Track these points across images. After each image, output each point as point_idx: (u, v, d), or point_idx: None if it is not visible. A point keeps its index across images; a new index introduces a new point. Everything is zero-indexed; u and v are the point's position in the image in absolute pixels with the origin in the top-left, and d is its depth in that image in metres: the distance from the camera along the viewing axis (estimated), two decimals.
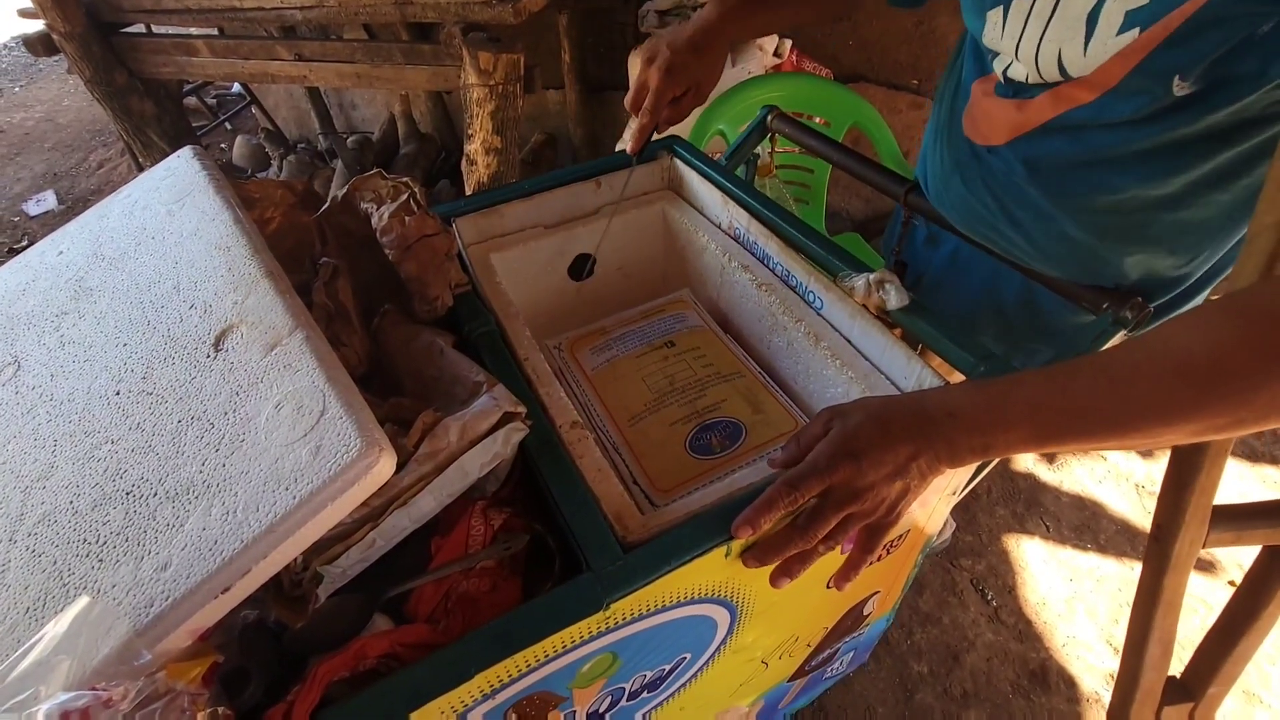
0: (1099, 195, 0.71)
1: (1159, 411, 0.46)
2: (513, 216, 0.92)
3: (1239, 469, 1.75)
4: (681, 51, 0.82)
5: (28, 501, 0.51)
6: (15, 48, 4.35)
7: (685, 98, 0.86)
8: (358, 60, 1.88)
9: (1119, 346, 0.50)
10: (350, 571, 0.53)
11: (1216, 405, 0.45)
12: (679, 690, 0.74)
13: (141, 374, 0.56)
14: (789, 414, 0.80)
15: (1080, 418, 0.48)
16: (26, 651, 0.41)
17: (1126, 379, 0.47)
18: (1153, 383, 0.46)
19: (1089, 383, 0.48)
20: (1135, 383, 0.46)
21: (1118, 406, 0.47)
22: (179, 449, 0.50)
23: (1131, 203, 0.70)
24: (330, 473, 0.45)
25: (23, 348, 0.62)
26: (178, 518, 0.47)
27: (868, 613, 0.95)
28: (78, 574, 0.46)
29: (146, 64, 2.10)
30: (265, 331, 0.54)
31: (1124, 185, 0.69)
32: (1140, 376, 0.46)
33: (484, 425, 0.56)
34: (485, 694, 0.52)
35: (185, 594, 0.43)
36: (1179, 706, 0.77)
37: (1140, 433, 0.47)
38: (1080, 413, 0.48)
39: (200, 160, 0.71)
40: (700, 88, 0.86)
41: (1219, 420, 0.45)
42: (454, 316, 0.75)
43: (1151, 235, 0.73)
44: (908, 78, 2.26)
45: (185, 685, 0.43)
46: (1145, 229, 0.72)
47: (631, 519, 0.58)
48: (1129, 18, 0.57)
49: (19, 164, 3.30)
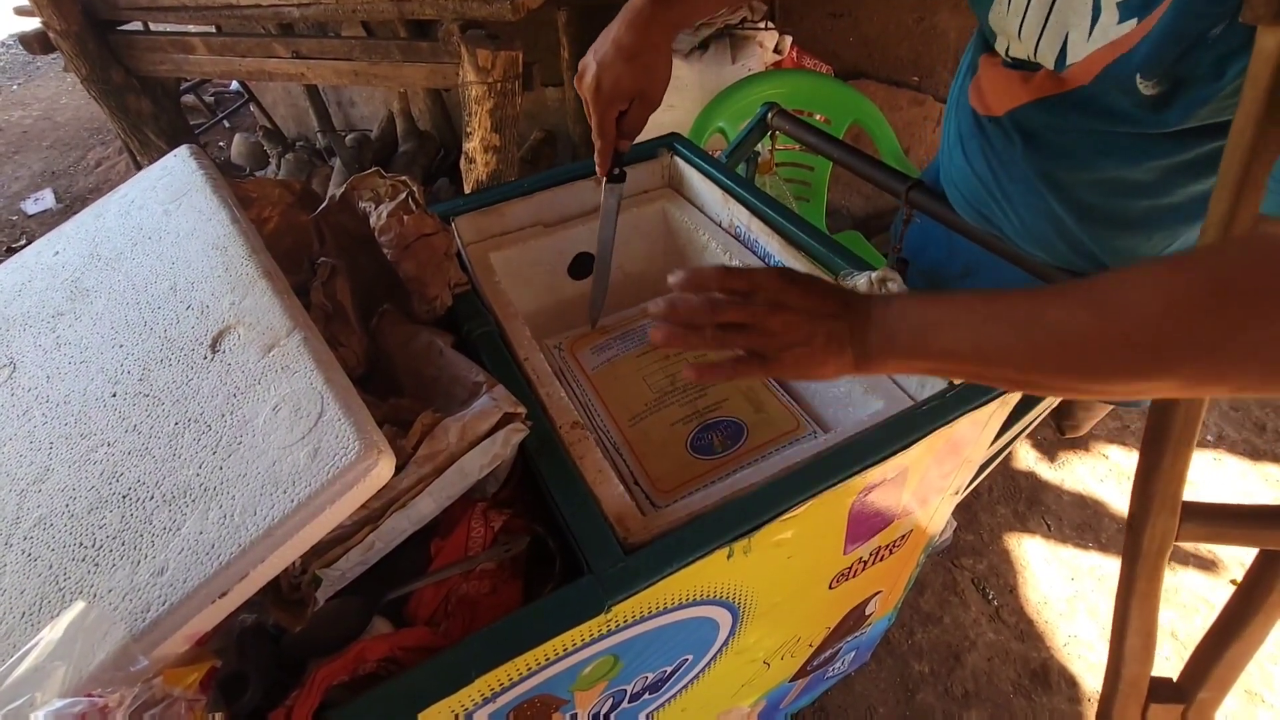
0: (1083, 173, 0.73)
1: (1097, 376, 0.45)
2: (512, 215, 0.91)
3: (1241, 467, 1.75)
4: (610, 65, 0.70)
5: (23, 504, 0.51)
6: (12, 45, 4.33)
7: (631, 110, 0.74)
8: (356, 58, 1.87)
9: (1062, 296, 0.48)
10: (349, 574, 0.53)
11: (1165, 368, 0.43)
12: (681, 691, 0.73)
13: (138, 376, 0.55)
14: (790, 413, 0.79)
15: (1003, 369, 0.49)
16: (22, 657, 0.41)
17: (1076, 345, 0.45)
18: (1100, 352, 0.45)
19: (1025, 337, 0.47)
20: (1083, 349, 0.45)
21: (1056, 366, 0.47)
22: (176, 452, 0.50)
23: (1112, 185, 0.72)
24: (328, 475, 0.45)
25: (18, 349, 0.61)
26: (174, 521, 0.46)
27: (870, 613, 0.95)
28: (74, 578, 0.46)
29: (143, 62, 2.09)
30: (263, 332, 0.54)
31: (1105, 166, 0.71)
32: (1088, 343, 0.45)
33: (484, 426, 0.56)
34: (486, 698, 0.52)
35: (182, 599, 0.43)
36: (1170, 706, 0.77)
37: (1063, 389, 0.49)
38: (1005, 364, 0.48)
39: (197, 159, 0.71)
40: (646, 95, 0.73)
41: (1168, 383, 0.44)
42: (453, 316, 0.74)
43: (1130, 220, 0.75)
44: (908, 74, 2.25)
45: (182, 691, 0.42)
46: (1125, 213, 0.74)
47: (632, 520, 0.58)
48: (1121, 10, 0.59)
49: (17, 162, 3.29)
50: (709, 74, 1.93)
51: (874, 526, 0.72)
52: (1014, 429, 0.83)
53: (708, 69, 1.94)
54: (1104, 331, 0.44)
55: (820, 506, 0.61)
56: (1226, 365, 0.42)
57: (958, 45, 2.15)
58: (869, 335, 0.53)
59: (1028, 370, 0.48)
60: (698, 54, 1.95)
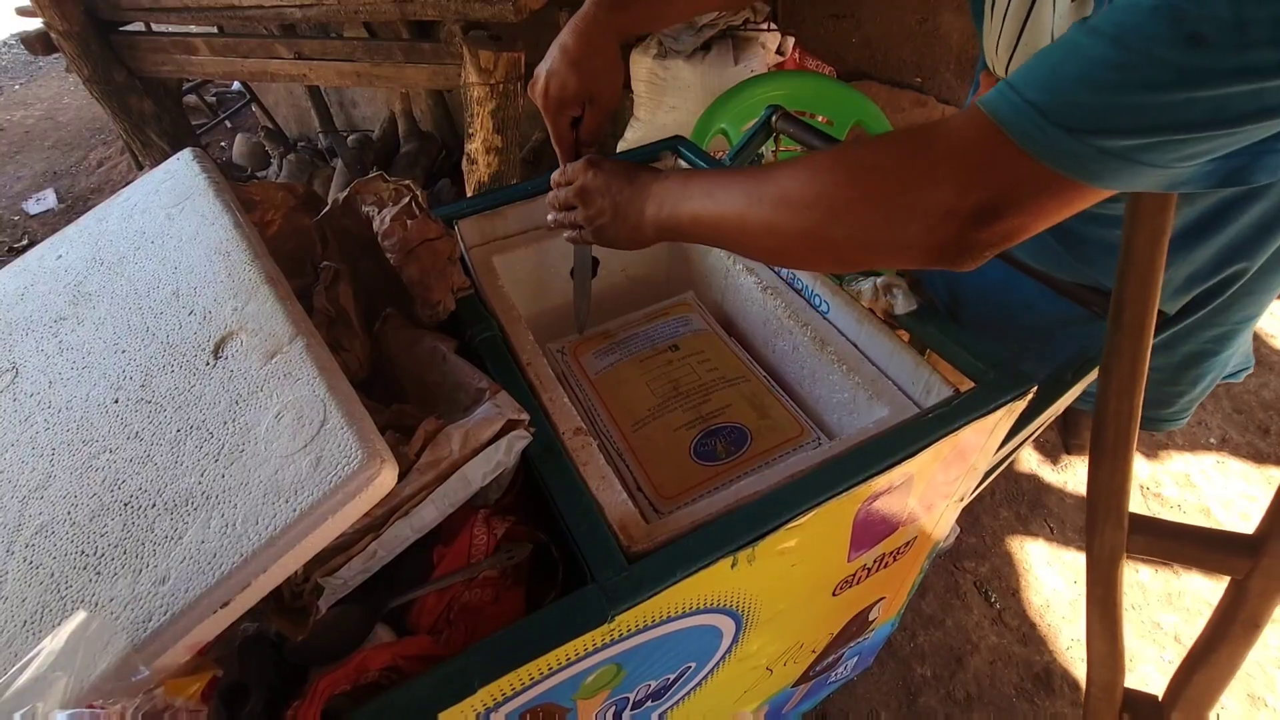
0: None
1: (767, 233, 0.56)
2: (515, 218, 0.91)
3: (1243, 469, 1.74)
4: (556, 72, 0.71)
5: (25, 511, 0.51)
6: (14, 45, 4.34)
7: (585, 116, 0.75)
8: (358, 59, 1.87)
9: (760, 172, 0.58)
10: (351, 582, 0.53)
11: (811, 237, 0.54)
12: (684, 698, 0.73)
13: (140, 382, 0.55)
14: (794, 419, 0.79)
15: (727, 230, 0.60)
16: (24, 667, 0.41)
17: (752, 201, 0.56)
18: (766, 207, 0.55)
19: (745, 200, 0.57)
20: (752, 205, 0.56)
21: (742, 226, 0.58)
22: (178, 459, 0.50)
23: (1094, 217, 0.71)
24: (331, 484, 0.45)
25: (21, 354, 0.61)
26: (176, 530, 0.46)
27: (873, 618, 0.94)
28: (75, 587, 0.46)
29: (145, 62, 2.09)
30: (265, 339, 0.54)
31: None
32: (759, 201, 0.56)
33: (486, 433, 0.55)
34: (489, 707, 0.52)
35: (184, 609, 0.42)
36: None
37: (754, 248, 0.61)
38: (729, 226, 0.59)
39: (200, 162, 0.70)
40: (596, 99, 0.73)
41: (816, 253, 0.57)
42: (456, 320, 0.74)
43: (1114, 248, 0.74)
44: (911, 75, 2.25)
45: (184, 701, 0.42)
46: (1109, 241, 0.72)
47: (636, 528, 0.58)
48: None
49: (19, 162, 3.29)
50: (711, 75, 1.93)
51: (878, 534, 0.72)
52: (1020, 435, 0.83)
53: (710, 70, 1.93)
54: (780, 198, 0.54)
55: (825, 514, 0.60)
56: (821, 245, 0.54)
57: (960, 47, 2.15)
58: (646, 206, 0.65)
59: (746, 231, 0.58)
60: (700, 55, 1.95)
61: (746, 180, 0.58)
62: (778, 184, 0.55)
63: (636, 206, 0.65)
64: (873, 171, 0.50)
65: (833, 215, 0.51)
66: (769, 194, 0.55)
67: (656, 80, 1.97)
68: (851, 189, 0.51)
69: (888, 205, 0.49)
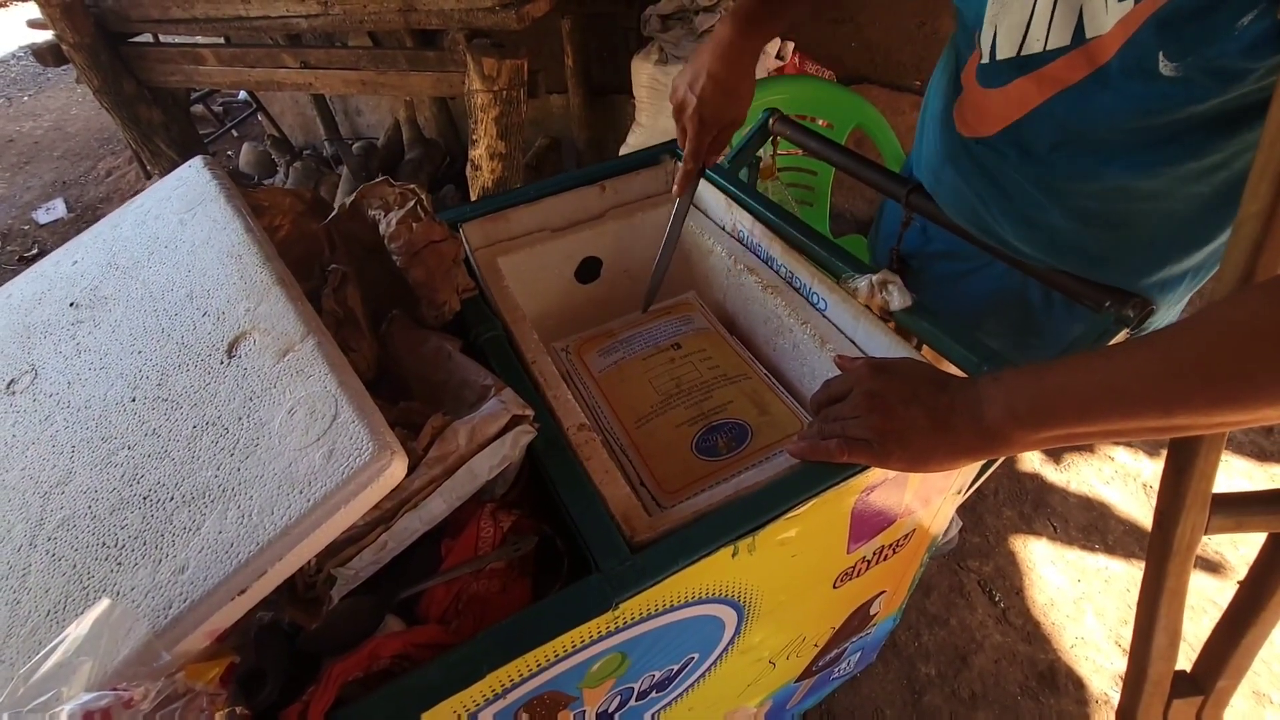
0: (1086, 183, 0.72)
1: (1252, 385, 0.43)
2: (519, 221, 0.93)
3: (1246, 467, 1.74)
4: (709, 100, 0.78)
5: (47, 506, 0.52)
6: (24, 57, 4.39)
7: (722, 134, 0.83)
8: (363, 67, 1.89)
9: (1183, 331, 0.47)
10: (363, 574, 0.54)
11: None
12: (688, 690, 0.74)
13: (157, 381, 0.57)
14: (795, 415, 0.80)
15: (1145, 417, 0.47)
16: (49, 653, 0.42)
17: (1225, 363, 0.44)
18: (1250, 360, 0.43)
19: (1163, 373, 0.46)
20: (1237, 364, 0.44)
21: (1204, 394, 0.45)
22: (194, 454, 0.51)
23: (1115, 193, 0.71)
24: (343, 476, 0.46)
25: (40, 356, 0.63)
26: (194, 521, 0.48)
27: (874, 612, 0.95)
28: (97, 577, 0.47)
29: (154, 73, 2.12)
30: (277, 338, 0.55)
31: (1110, 175, 0.69)
32: (1240, 355, 0.44)
33: (492, 428, 0.57)
34: (496, 694, 0.53)
35: (203, 596, 0.44)
36: (1188, 700, 0.77)
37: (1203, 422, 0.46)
38: (1148, 411, 0.47)
39: (211, 169, 0.72)
40: (736, 121, 0.83)
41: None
42: (461, 321, 0.75)
43: (1134, 222, 0.74)
44: (910, 79, 2.26)
45: (204, 685, 0.44)
46: (1129, 217, 0.74)
47: (639, 520, 0.59)
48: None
49: (28, 172, 3.33)
50: None
51: (877, 526, 0.73)
52: None
53: None
54: (1243, 343, 0.43)
55: (823, 505, 0.62)
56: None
57: None
58: (984, 411, 0.53)
59: (1173, 409, 0.46)
60: None
61: (1137, 350, 0.48)
62: (1218, 328, 0.45)
63: (970, 414, 0.54)
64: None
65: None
66: (1212, 341, 0.45)
67: (658, 86, 1.99)
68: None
69: None
